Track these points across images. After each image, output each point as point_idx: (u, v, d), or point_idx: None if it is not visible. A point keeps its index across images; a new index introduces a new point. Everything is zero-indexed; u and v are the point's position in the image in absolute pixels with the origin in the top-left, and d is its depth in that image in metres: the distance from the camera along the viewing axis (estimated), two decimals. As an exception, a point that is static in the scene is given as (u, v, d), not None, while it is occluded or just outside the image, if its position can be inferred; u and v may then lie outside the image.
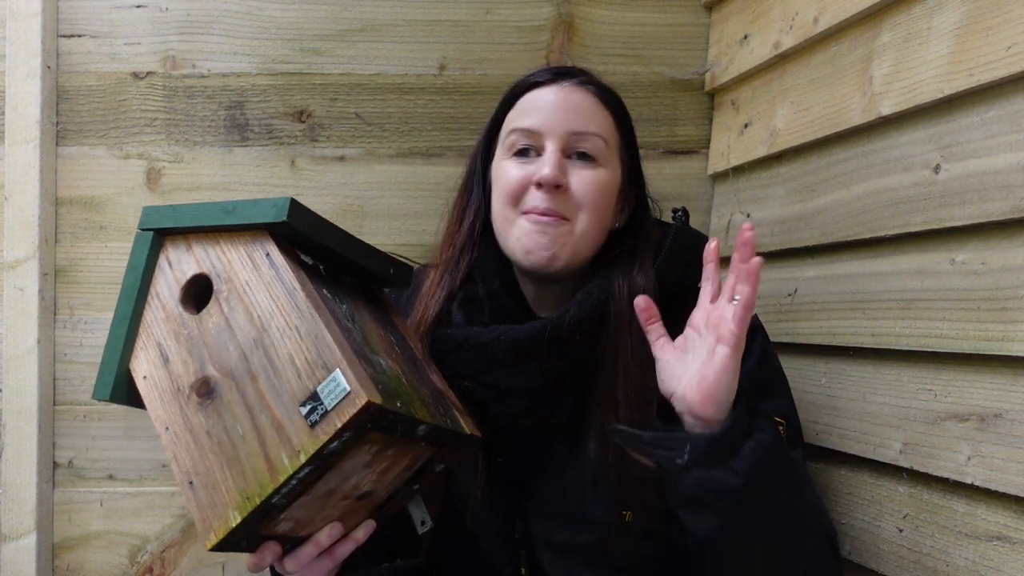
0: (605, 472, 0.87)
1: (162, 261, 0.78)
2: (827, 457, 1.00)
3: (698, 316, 0.79)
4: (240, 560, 1.22)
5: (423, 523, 0.85)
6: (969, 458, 0.80)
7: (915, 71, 0.87)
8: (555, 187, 0.87)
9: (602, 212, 0.90)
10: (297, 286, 0.71)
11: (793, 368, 1.06)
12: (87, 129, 1.27)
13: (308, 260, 0.78)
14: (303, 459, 0.66)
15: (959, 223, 0.81)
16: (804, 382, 1.05)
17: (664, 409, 0.80)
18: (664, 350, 0.81)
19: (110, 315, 0.78)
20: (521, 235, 0.89)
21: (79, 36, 1.26)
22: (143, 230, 0.79)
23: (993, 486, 0.77)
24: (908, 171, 0.89)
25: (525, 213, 0.89)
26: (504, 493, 0.92)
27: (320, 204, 1.28)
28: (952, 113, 0.83)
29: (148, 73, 1.27)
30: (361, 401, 0.65)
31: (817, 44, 1.04)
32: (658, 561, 0.91)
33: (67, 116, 1.26)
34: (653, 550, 0.89)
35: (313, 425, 0.66)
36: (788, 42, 1.09)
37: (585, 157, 0.89)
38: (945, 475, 0.82)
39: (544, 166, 0.87)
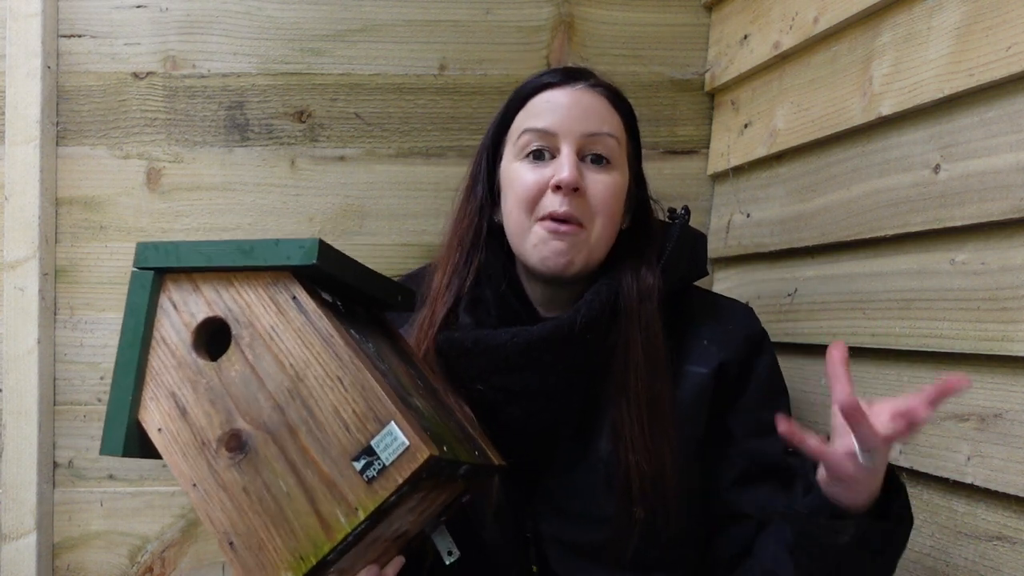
0: (616, 469, 0.87)
1: (164, 302, 0.73)
2: (827, 457, 1.00)
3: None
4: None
5: (450, 553, 0.82)
6: (969, 458, 0.80)
7: (915, 71, 0.87)
8: (573, 190, 0.87)
9: (615, 217, 0.91)
10: (333, 333, 0.68)
11: (793, 368, 1.06)
12: (87, 129, 1.26)
13: (328, 298, 0.75)
14: (362, 516, 0.64)
15: (959, 223, 0.81)
16: (804, 382, 1.04)
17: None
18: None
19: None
20: (537, 242, 0.89)
21: (79, 36, 1.26)
22: (141, 268, 0.73)
23: (993, 486, 0.77)
24: (908, 171, 0.88)
25: (542, 219, 0.88)
26: (513, 491, 0.92)
27: (320, 204, 1.28)
28: (952, 113, 0.83)
29: (148, 73, 1.26)
30: (423, 456, 0.63)
31: (817, 44, 1.04)
32: (669, 560, 0.91)
33: (67, 116, 1.26)
34: (664, 549, 0.89)
35: (370, 481, 0.64)
36: (788, 42, 1.09)
37: (599, 160, 0.90)
38: (945, 475, 0.82)
39: (562, 169, 0.87)
